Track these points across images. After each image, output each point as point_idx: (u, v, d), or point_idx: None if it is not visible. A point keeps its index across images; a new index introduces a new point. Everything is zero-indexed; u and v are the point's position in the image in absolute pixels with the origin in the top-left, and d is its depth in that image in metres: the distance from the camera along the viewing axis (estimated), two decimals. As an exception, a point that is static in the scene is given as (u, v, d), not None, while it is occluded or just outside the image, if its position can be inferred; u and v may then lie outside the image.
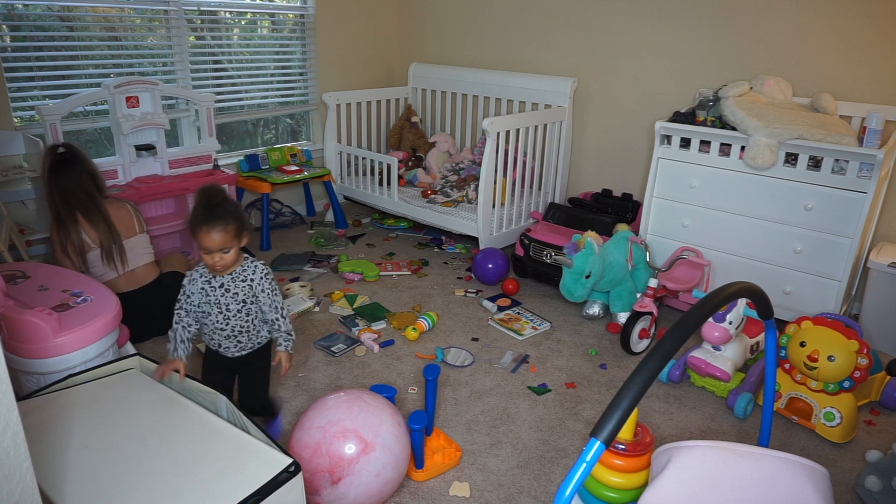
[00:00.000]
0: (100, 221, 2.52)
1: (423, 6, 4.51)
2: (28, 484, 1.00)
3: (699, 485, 1.32)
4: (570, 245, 2.66)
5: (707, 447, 1.35)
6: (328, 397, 1.81)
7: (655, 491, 1.34)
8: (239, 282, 1.89)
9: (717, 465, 1.33)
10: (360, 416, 1.72)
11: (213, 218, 1.78)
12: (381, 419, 1.75)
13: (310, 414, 1.77)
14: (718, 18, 3.21)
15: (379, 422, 1.74)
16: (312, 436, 1.70)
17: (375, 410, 1.76)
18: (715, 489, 1.31)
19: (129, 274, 2.61)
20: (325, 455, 1.66)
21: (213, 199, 1.82)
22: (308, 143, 4.46)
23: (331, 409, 1.75)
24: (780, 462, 1.32)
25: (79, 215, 2.50)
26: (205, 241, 1.78)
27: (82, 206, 2.51)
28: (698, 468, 1.34)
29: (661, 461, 1.41)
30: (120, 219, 2.60)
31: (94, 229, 2.51)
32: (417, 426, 1.81)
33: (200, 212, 1.79)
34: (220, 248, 1.79)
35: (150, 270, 2.70)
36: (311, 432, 1.71)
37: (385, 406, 1.81)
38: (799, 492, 1.29)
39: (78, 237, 2.49)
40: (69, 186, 2.50)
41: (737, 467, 1.32)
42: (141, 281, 2.64)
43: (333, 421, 1.71)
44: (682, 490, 1.32)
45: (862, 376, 2.10)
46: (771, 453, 1.33)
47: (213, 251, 1.79)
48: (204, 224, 1.77)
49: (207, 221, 1.77)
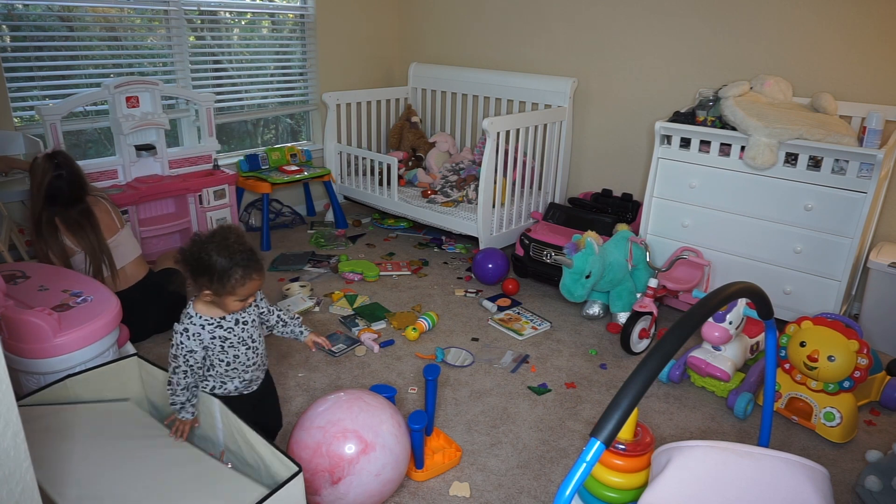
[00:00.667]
0: (86, 235, 2.47)
1: (423, 6, 4.51)
2: (28, 484, 1.00)
3: (699, 485, 1.32)
4: (570, 245, 2.66)
5: (707, 447, 1.35)
6: (328, 397, 1.81)
7: (655, 491, 1.34)
8: (248, 310, 1.75)
9: (718, 466, 1.33)
10: (360, 417, 1.72)
11: (258, 263, 1.63)
12: (381, 419, 1.74)
13: (309, 414, 1.77)
14: (718, 18, 3.21)
15: (379, 422, 1.74)
16: (312, 436, 1.70)
17: (375, 410, 1.76)
18: (715, 489, 1.31)
19: (120, 272, 2.59)
20: (325, 455, 1.66)
21: (244, 240, 1.65)
22: (308, 143, 4.46)
23: (331, 409, 1.75)
24: (780, 462, 1.32)
25: (57, 221, 2.44)
26: (256, 287, 1.64)
27: (73, 225, 2.46)
28: (698, 468, 1.34)
29: (661, 461, 1.41)
30: (101, 219, 2.54)
31: (77, 235, 2.46)
32: (417, 426, 1.81)
33: (252, 256, 1.61)
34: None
35: (139, 267, 2.66)
36: (311, 432, 1.71)
37: (385, 406, 1.80)
38: (799, 492, 1.29)
39: (60, 245, 2.46)
40: (62, 210, 2.45)
41: (737, 467, 1.32)
42: (131, 279, 2.62)
43: (333, 421, 1.71)
44: (682, 490, 1.32)
45: (862, 376, 2.10)
46: (771, 453, 1.33)
47: (249, 297, 1.65)
48: (258, 269, 1.62)
49: (257, 269, 1.62)
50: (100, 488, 1.47)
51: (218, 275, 1.56)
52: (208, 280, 1.57)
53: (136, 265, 2.66)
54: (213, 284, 1.58)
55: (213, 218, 3.50)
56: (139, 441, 1.66)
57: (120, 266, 2.59)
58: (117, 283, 2.57)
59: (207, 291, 1.60)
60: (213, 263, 1.56)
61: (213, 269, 1.56)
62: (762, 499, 1.29)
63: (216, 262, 1.56)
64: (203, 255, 1.57)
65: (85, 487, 1.46)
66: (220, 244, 1.58)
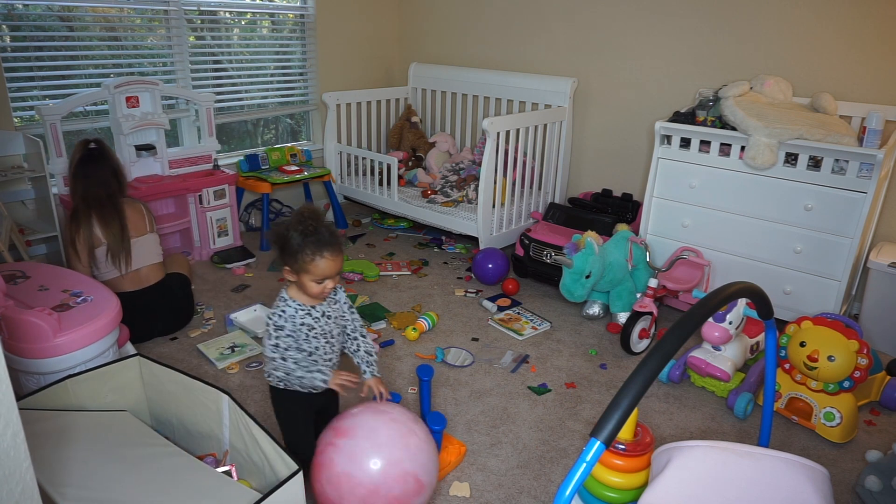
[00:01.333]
0: (114, 222, 2.53)
1: (423, 6, 4.51)
2: (28, 484, 1.00)
3: (699, 485, 1.32)
4: (570, 245, 2.66)
5: (707, 447, 1.35)
6: (379, 428, 1.60)
7: (655, 491, 1.34)
8: (333, 305, 1.77)
9: (718, 466, 1.33)
10: (418, 456, 1.58)
11: (337, 241, 1.64)
12: (432, 457, 1.64)
13: (361, 445, 1.56)
14: (718, 18, 3.21)
15: (431, 460, 1.62)
16: (369, 475, 1.52)
17: (427, 446, 1.64)
18: (715, 489, 1.31)
19: (134, 274, 2.61)
20: (382, 497, 1.53)
21: (322, 220, 1.66)
22: (308, 143, 4.46)
23: (386, 444, 1.57)
24: (780, 462, 1.32)
25: (93, 213, 2.51)
26: (329, 268, 1.63)
27: (99, 206, 2.52)
28: (698, 468, 1.34)
29: (661, 461, 1.41)
30: (131, 218, 2.61)
31: (106, 228, 2.52)
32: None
33: (325, 235, 1.62)
34: (337, 273, 1.67)
35: (156, 271, 2.69)
36: (366, 470, 1.52)
37: (430, 438, 1.70)
38: (799, 492, 1.29)
39: (88, 233, 2.50)
40: (92, 184, 2.52)
41: (737, 467, 1.32)
42: (145, 281, 2.64)
43: (393, 462, 1.54)
44: (681, 490, 1.32)
45: (862, 376, 2.10)
46: (771, 453, 1.33)
47: (332, 277, 1.66)
48: (330, 248, 1.61)
49: (335, 245, 1.63)
50: (99, 491, 1.47)
51: (292, 250, 1.63)
52: (286, 257, 1.65)
53: (154, 269, 2.68)
54: (289, 260, 1.64)
55: (212, 218, 3.50)
56: (136, 449, 1.66)
57: (137, 267, 2.61)
58: (131, 282, 2.60)
59: (287, 268, 1.66)
60: (289, 238, 1.63)
61: (289, 245, 1.63)
62: (763, 499, 1.29)
63: (291, 238, 1.63)
64: (282, 231, 1.65)
65: (85, 489, 1.46)
66: (296, 221, 1.65)
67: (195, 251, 3.51)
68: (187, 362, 2.54)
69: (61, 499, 1.41)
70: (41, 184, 2.98)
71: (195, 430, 1.86)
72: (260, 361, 2.55)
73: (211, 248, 3.55)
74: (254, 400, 2.31)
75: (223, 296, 3.12)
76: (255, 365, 2.52)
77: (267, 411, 2.24)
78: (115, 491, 1.48)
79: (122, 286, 2.56)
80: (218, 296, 3.12)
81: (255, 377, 2.45)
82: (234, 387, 2.38)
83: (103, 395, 1.88)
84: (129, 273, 2.59)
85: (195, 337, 2.73)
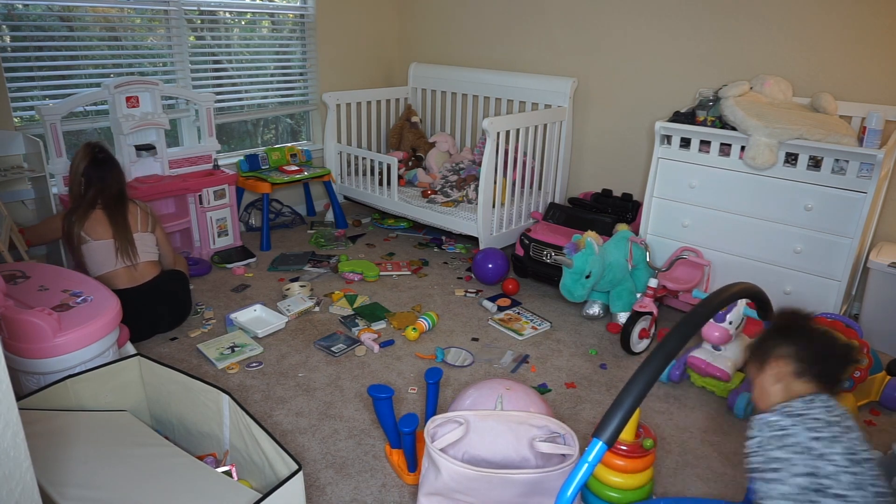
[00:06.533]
0: (121, 219, 2.64)
1: (423, 6, 4.51)
2: (28, 484, 1.00)
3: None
4: (570, 245, 2.66)
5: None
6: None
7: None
8: None
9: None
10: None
11: None
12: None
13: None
14: (718, 18, 3.21)
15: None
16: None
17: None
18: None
19: (131, 269, 2.63)
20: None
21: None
22: (308, 143, 4.46)
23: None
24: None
25: (104, 212, 2.61)
26: None
27: (113, 204, 2.64)
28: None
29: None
30: (132, 215, 2.70)
31: (115, 225, 2.62)
32: (408, 429, 1.78)
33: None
34: None
35: (151, 268, 2.71)
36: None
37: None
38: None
39: (79, 229, 2.59)
40: (108, 183, 2.64)
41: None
42: (140, 278, 2.65)
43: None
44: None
45: (862, 376, 2.10)
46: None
47: None
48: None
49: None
50: (99, 491, 1.47)
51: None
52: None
53: (149, 265, 2.71)
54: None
55: (212, 218, 3.50)
56: (136, 449, 1.66)
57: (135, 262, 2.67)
58: (129, 278, 2.63)
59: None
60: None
61: None
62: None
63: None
64: None
65: (85, 489, 1.46)
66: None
67: (195, 251, 3.51)
68: (187, 362, 2.54)
69: (61, 499, 1.41)
70: (41, 184, 2.97)
71: (195, 430, 1.86)
72: (260, 361, 2.55)
73: (211, 248, 3.55)
74: (254, 400, 2.31)
75: (223, 296, 3.12)
76: (255, 365, 2.52)
77: (267, 411, 2.24)
78: (115, 491, 1.48)
79: (119, 282, 2.58)
80: (218, 296, 3.12)
81: (254, 377, 2.45)
82: (234, 387, 2.38)
83: (103, 395, 1.88)
84: (125, 267, 2.61)
85: (195, 337, 2.73)
